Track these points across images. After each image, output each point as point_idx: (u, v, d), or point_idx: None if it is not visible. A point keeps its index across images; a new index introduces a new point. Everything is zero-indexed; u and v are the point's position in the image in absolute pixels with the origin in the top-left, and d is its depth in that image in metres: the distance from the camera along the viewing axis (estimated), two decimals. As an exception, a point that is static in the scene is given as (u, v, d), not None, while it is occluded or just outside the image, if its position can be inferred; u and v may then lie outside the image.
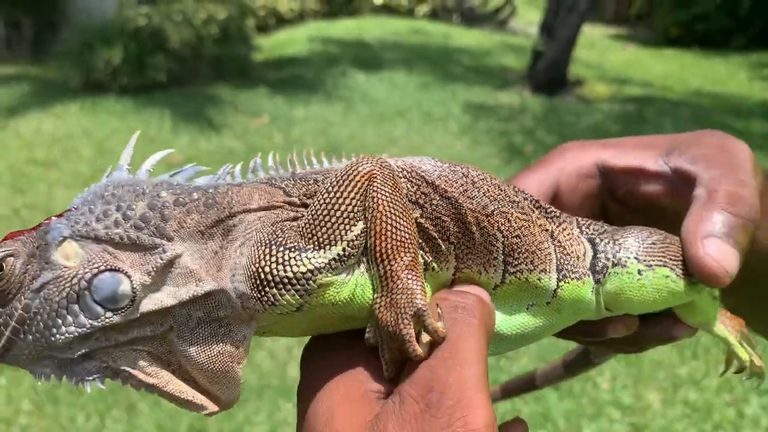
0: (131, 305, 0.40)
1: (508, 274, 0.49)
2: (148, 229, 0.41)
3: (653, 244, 0.54)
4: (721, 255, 0.49)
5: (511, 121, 7.16)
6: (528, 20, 13.52)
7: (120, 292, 0.39)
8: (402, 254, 0.40)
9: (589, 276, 0.53)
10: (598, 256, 0.54)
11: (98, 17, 7.99)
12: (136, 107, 6.95)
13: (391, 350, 0.40)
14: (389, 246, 0.40)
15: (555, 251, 0.52)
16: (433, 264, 0.45)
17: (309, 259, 0.40)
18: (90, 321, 0.40)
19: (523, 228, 0.49)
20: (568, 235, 0.54)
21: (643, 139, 0.59)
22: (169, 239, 0.41)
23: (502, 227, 0.48)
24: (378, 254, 0.41)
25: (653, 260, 0.53)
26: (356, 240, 0.41)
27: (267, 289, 0.40)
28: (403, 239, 0.40)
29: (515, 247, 0.49)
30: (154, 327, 0.41)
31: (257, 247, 0.40)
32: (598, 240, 0.55)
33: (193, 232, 0.41)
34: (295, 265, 0.39)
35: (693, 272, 0.52)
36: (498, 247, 0.48)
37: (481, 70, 9.62)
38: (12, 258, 0.40)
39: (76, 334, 0.40)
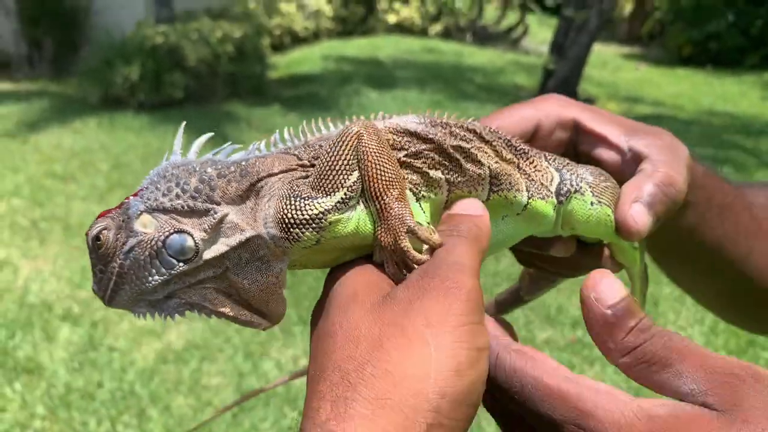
0: (196, 255, 0.52)
1: (492, 192, 0.59)
2: (201, 198, 0.53)
3: (606, 187, 0.64)
4: (639, 218, 0.58)
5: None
6: (540, 39, 13.62)
7: (186, 246, 0.52)
8: (390, 190, 0.52)
9: (552, 197, 0.63)
10: (563, 182, 0.64)
11: (117, 36, 8.19)
12: (153, 123, 7.10)
13: (395, 265, 0.52)
14: (379, 185, 0.52)
15: (522, 177, 0.62)
16: (424, 192, 0.57)
17: (320, 203, 0.52)
18: (168, 270, 0.52)
19: (497, 160, 0.60)
20: (535, 166, 0.64)
21: (615, 117, 0.68)
22: (218, 204, 0.53)
23: (479, 156, 0.59)
24: (372, 193, 0.52)
25: (603, 198, 0.64)
26: (354, 185, 0.52)
27: (291, 229, 0.52)
28: (389, 179, 0.52)
29: (496, 172, 0.59)
30: (215, 269, 0.53)
31: (280, 200, 0.53)
32: (564, 171, 0.65)
33: (234, 196, 0.54)
34: (310, 209, 0.52)
35: (616, 221, 0.62)
36: (484, 171, 0.59)
37: (493, 88, 9.71)
38: (105, 230, 0.52)
39: (159, 281, 0.52)
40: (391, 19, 13.76)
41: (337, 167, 0.53)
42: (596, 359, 3.63)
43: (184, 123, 0.65)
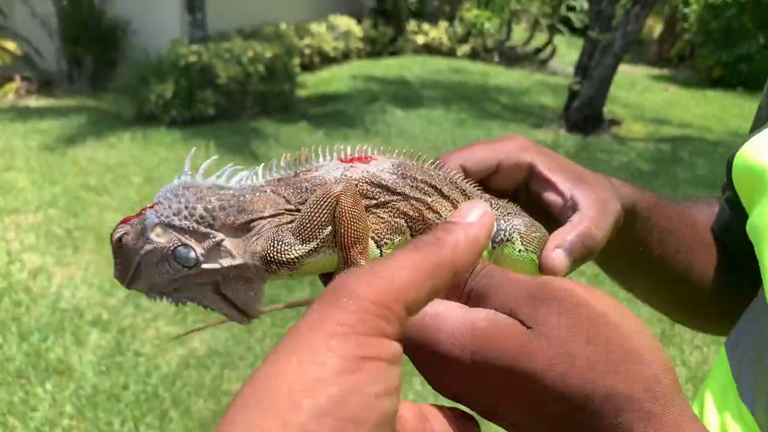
0: (196, 265, 0.64)
1: None
2: (204, 224, 0.64)
3: (534, 237, 0.73)
4: (559, 261, 0.67)
5: (544, 158, 7.28)
6: (568, 60, 13.67)
7: (190, 257, 0.64)
8: (356, 245, 0.63)
9: (489, 244, 0.72)
10: (499, 231, 0.73)
11: (153, 54, 8.46)
12: (184, 138, 7.33)
13: None
14: (347, 241, 0.62)
15: None
16: (387, 239, 0.67)
17: (296, 250, 0.63)
18: (174, 272, 0.65)
19: (454, 208, 0.70)
20: None
21: (567, 163, 0.76)
22: (217, 230, 0.65)
23: (437, 208, 0.69)
24: (341, 245, 0.63)
25: (530, 247, 0.72)
26: (326, 237, 0.63)
27: (271, 265, 0.63)
28: (356, 236, 0.62)
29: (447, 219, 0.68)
30: (211, 277, 0.65)
31: (266, 241, 0.64)
32: (502, 221, 0.73)
33: (230, 227, 0.65)
34: (287, 254, 0.63)
35: (540, 261, 0.71)
36: (441, 219, 0.69)
37: (518, 108, 9.79)
38: (126, 235, 0.65)
39: (167, 278, 0.65)
40: (420, 39, 13.93)
41: (315, 222, 0.63)
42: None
43: (194, 149, 0.76)
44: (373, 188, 0.67)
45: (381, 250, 0.67)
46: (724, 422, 0.69)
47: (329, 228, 0.63)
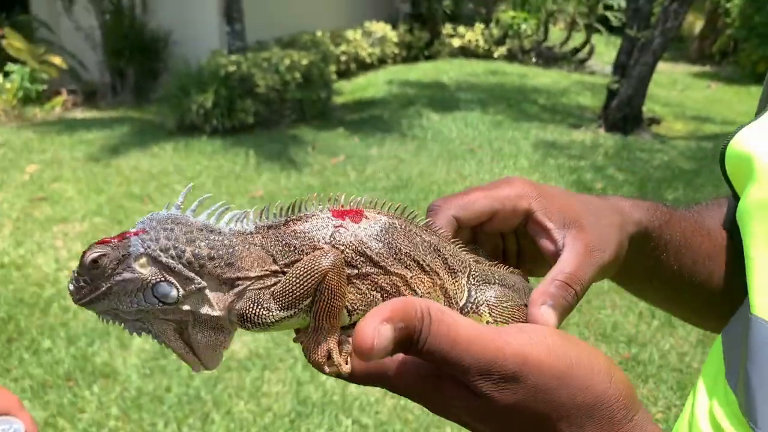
0: (175, 304, 0.65)
1: None
2: (191, 268, 0.65)
3: (506, 307, 0.73)
4: (548, 318, 0.67)
5: (582, 158, 7.22)
6: (607, 60, 13.50)
7: (170, 295, 0.64)
8: (330, 319, 0.63)
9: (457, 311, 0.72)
10: (468, 302, 0.73)
11: (193, 65, 8.65)
12: (225, 147, 7.47)
13: (309, 355, 0.65)
14: (322, 314, 0.63)
15: (443, 298, 0.72)
16: (360, 310, 0.67)
17: (274, 315, 0.64)
18: (147, 304, 0.64)
19: (429, 287, 0.70)
20: (457, 283, 0.73)
21: (564, 203, 0.76)
22: (201, 277, 0.65)
23: (414, 286, 0.69)
24: (316, 314, 0.64)
25: (500, 318, 0.72)
26: (305, 306, 0.64)
27: (246, 323, 0.65)
28: (332, 312, 0.63)
29: (425, 295, 0.70)
30: (182, 316, 0.66)
31: (246, 302, 0.66)
32: (474, 291, 0.74)
33: (215, 278, 0.66)
34: (265, 318, 0.64)
35: (529, 316, 0.71)
36: (417, 295, 0.69)
37: (556, 109, 9.71)
38: (105, 257, 0.64)
39: (135, 308, 0.64)
40: (456, 43, 13.93)
41: (298, 292, 0.64)
42: (650, 376, 3.63)
43: (191, 185, 0.75)
44: (358, 257, 0.67)
45: (351, 318, 0.67)
46: (712, 408, 0.70)
47: (310, 299, 0.64)
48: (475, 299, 0.73)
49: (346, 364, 0.61)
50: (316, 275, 0.62)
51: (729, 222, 0.91)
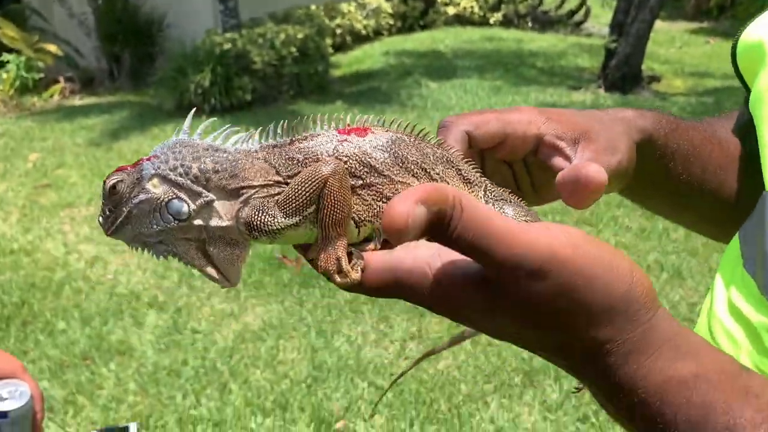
0: (187, 219, 0.66)
1: None
2: (198, 184, 0.66)
3: (525, 222, 0.70)
4: (599, 174, 0.65)
5: (584, 120, 7.19)
6: (603, 21, 13.35)
7: (182, 210, 0.66)
8: (336, 227, 0.64)
9: None
10: None
11: (189, 46, 8.59)
12: (224, 125, 7.44)
13: (319, 263, 0.65)
14: (328, 221, 0.63)
15: None
16: (366, 220, 0.67)
17: (278, 222, 0.65)
18: (164, 223, 0.66)
19: None
20: (474, 196, 0.71)
21: (573, 120, 0.76)
22: (209, 191, 0.67)
23: None
24: (321, 223, 0.64)
25: None
26: (309, 214, 0.64)
27: (254, 232, 0.66)
28: (338, 218, 0.63)
29: None
30: (197, 233, 0.68)
31: (251, 210, 0.66)
32: (491, 205, 0.72)
33: (222, 189, 0.67)
34: (270, 225, 0.65)
35: (574, 179, 0.69)
36: None
37: (554, 72, 9.65)
38: (121, 182, 0.67)
39: (156, 229, 0.67)
40: (451, 11, 13.79)
41: (301, 199, 0.64)
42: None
43: (194, 109, 0.78)
44: (362, 168, 0.67)
45: (359, 230, 0.67)
46: (730, 295, 0.71)
47: (313, 207, 0.64)
48: None
49: (356, 273, 0.62)
50: (317, 182, 0.63)
51: (739, 127, 0.92)
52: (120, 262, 4.55)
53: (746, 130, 0.89)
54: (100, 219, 0.70)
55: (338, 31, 11.50)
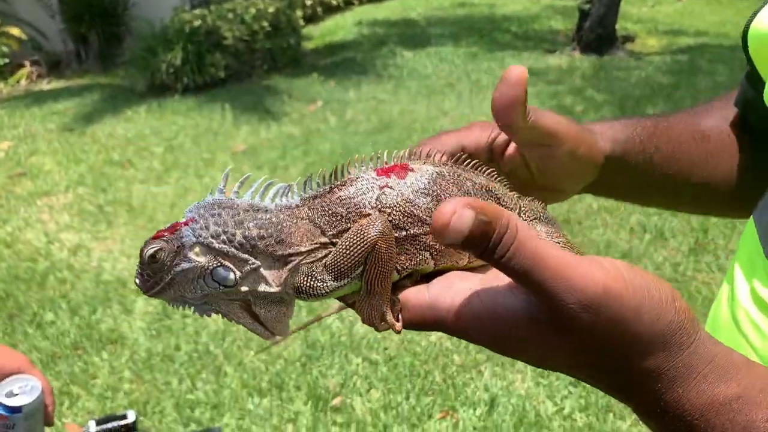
0: (234, 286, 0.66)
1: (470, 260, 0.69)
2: (244, 250, 0.66)
3: (557, 243, 0.71)
4: (517, 67, 0.70)
5: (560, 83, 7.20)
6: (575, -19, 13.32)
7: (229, 279, 0.65)
8: (382, 284, 0.64)
9: None
10: None
11: (157, 24, 8.41)
12: (199, 104, 7.35)
13: (364, 317, 0.67)
14: (375, 279, 0.64)
15: None
16: (410, 269, 0.67)
17: (328, 286, 0.65)
18: (210, 288, 0.66)
19: None
20: None
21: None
22: (255, 257, 0.66)
23: None
24: (368, 280, 0.64)
25: None
26: (357, 275, 0.65)
27: (302, 295, 0.66)
28: (384, 276, 0.64)
29: None
30: (244, 296, 0.67)
31: (301, 276, 0.66)
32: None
33: (269, 256, 0.66)
34: (319, 289, 0.65)
35: None
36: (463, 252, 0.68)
37: (528, 35, 9.62)
38: (161, 251, 0.66)
39: (200, 294, 0.66)
40: (421, -23, 13.63)
41: (349, 263, 0.64)
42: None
43: (230, 168, 0.75)
44: (405, 218, 0.67)
45: (400, 276, 0.67)
46: (754, 288, 0.72)
47: (361, 268, 0.64)
48: None
49: (398, 322, 0.63)
50: (366, 245, 0.63)
51: (743, 102, 0.93)
52: (103, 249, 4.50)
53: (750, 106, 0.90)
54: (137, 281, 0.68)
55: (308, 2, 11.33)
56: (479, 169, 0.73)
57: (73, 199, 5.25)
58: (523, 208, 0.74)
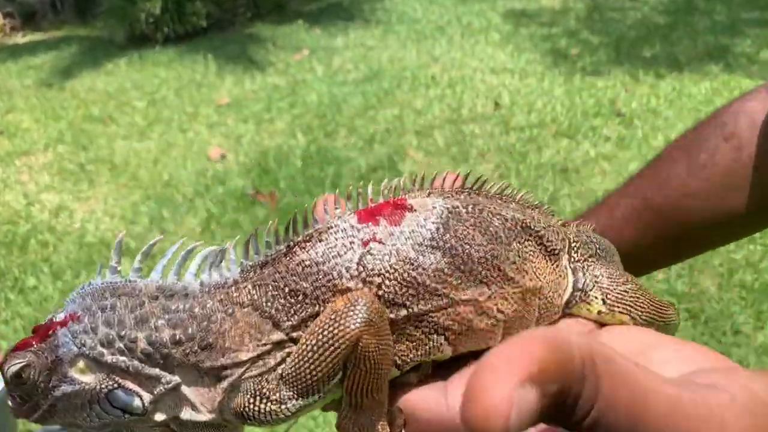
0: (144, 414, 0.46)
1: (502, 338, 0.48)
2: (152, 362, 0.45)
3: (625, 291, 0.53)
4: None
5: (554, 25, 6.96)
6: None
7: (134, 405, 0.45)
8: (372, 395, 0.43)
9: (558, 314, 0.53)
10: (575, 293, 0.53)
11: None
12: (180, 55, 7.09)
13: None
14: (363, 390, 0.43)
15: (539, 308, 0.50)
16: (417, 360, 0.46)
17: (288, 407, 0.44)
18: (111, 416, 0.46)
19: (518, 300, 0.48)
20: (558, 274, 0.52)
21: None
22: (170, 371, 0.46)
23: (496, 308, 0.47)
24: (351, 392, 0.43)
25: (617, 306, 0.53)
26: (332, 388, 0.44)
27: (249, 421, 0.46)
28: (375, 387, 0.42)
29: (512, 321, 0.48)
30: (163, 427, 0.48)
31: (244, 396, 0.45)
32: (580, 273, 0.54)
33: (191, 368, 0.46)
34: (275, 414, 0.44)
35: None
36: (498, 327, 0.47)
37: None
38: (28, 368, 0.45)
39: (98, 423, 0.47)
40: None
41: (320, 371, 0.43)
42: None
43: (123, 232, 0.55)
44: (405, 289, 0.45)
45: (401, 372, 0.47)
46: None
47: (338, 377, 0.43)
48: (583, 284, 0.53)
49: None
50: (344, 344, 0.42)
51: None
52: (86, 209, 4.36)
53: None
54: (10, 404, 0.48)
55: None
56: (505, 192, 0.53)
57: (53, 158, 5.07)
58: (573, 244, 0.55)
